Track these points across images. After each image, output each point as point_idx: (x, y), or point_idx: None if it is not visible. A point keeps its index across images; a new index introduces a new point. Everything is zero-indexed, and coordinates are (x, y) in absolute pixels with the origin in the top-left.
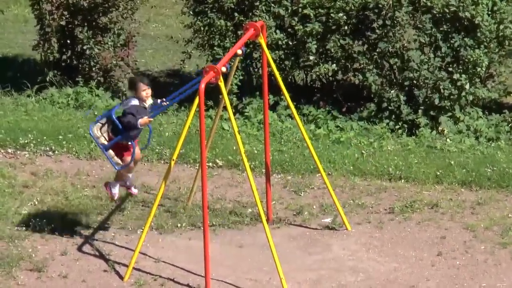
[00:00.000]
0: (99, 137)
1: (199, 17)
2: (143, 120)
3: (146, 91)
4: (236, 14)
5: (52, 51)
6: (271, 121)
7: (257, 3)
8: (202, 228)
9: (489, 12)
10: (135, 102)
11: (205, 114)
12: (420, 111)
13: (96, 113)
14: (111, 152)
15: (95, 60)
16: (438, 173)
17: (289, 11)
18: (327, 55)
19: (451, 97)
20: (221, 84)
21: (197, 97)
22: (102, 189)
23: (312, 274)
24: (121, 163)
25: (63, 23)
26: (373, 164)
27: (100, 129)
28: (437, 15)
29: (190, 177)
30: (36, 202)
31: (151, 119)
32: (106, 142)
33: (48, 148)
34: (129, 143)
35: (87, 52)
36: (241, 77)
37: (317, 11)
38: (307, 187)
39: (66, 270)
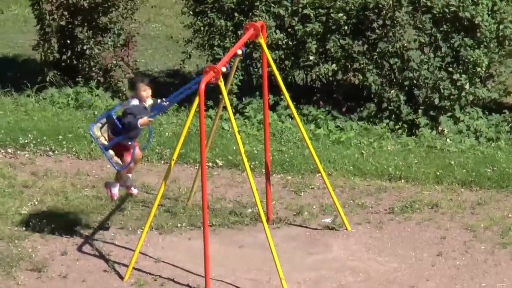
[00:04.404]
0: (99, 137)
1: (199, 17)
2: (143, 120)
3: (146, 91)
4: (236, 14)
5: (52, 51)
6: (271, 121)
7: (257, 3)
8: (202, 228)
9: (489, 12)
10: (135, 102)
11: (205, 114)
12: (420, 111)
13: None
14: (111, 152)
15: (95, 60)
16: (438, 173)
17: (289, 11)
18: (327, 55)
19: (451, 97)
20: (221, 84)
21: (197, 97)
22: (102, 189)
23: (312, 274)
24: (121, 163)
25: (63, 23)
26: (373, 164)
27: (100, 129)
28: (437, 15)
29: (190, 177)
30: (36, 202)
31: (151, 119)
32: (106, 142)
33: (48, 148)
34: (129, 143)
35: (87, 52)
36: (241, 77)
37: (317, 11)
38: (307, 187)
39: (66, 270)
